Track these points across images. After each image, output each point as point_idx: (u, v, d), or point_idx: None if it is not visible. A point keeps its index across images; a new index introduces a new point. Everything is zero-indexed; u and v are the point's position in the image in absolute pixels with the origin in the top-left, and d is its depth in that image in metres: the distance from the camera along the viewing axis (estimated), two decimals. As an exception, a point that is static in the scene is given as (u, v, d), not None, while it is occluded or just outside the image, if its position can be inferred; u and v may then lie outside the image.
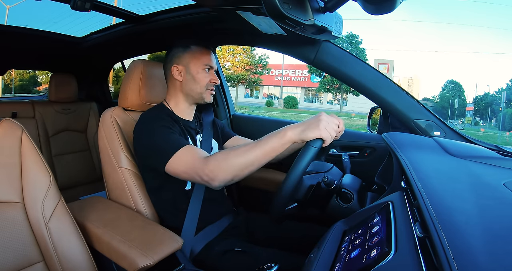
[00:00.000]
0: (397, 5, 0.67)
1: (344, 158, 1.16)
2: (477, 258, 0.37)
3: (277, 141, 0.77)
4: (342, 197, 0.90)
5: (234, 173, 0.79)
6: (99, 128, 1.09)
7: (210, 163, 0.80)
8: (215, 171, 0.79)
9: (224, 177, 0.79)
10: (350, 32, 22.37)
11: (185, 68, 1.04)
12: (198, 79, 1.04)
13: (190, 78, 1.04)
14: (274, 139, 0.77)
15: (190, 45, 1.05)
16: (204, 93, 1.06)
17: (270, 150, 0.77)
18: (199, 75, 1.04)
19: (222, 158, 0.80)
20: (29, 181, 0.75)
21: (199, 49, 1.06)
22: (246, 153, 0.79)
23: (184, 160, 0.85)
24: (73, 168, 2.01)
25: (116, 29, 1.63)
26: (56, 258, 0.73)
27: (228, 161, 0.79)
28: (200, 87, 1.04)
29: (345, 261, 0.54)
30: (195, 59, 1.04)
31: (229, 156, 0.80)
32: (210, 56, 1.06)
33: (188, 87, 1.05)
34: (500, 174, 0.71)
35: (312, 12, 0.81)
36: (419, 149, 0.87)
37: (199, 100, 1.07)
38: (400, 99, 1.14)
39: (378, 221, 0.60)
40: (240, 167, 0.79)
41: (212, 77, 1.06)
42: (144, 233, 0.84)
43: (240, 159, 0.78)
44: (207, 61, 1.05)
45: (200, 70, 1.04)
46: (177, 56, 1.05)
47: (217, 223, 1.05)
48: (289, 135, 0.76)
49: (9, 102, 1.91)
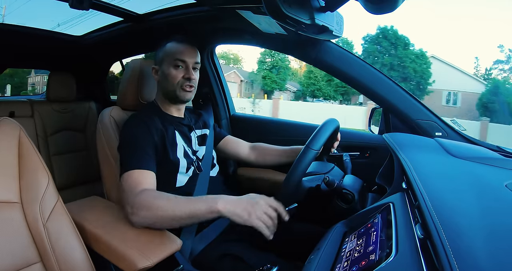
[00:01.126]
0: (398, 5, 0.66)
1: (345, 158, 1.15)
2: (478, 260, 0.37)
3: (204, 208, 0.77)
4: (343, 197, 0.90)
5: (154, 218, 0.79)
6: (97, 128, 1.08)
7: (139, 196, 0.81)
8: (139, 206, 0.80)
9: (144, 216, 0.80)
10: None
11: (160, 67, 1.04)
12: (169, 77, 1.01)
13: (163, 77, 1.03)
14: (202, 204, 0.78)
15: (166, 44, 1.04)
16: (178, 90, 1.02)
17: (194, 214, 0.78)
18: (170, 72, 1.01)
19: (151, 199, 0.80)
20: (27, 181, 0.75)
21: (172, 45, 1.03)
22: (173, 205, 0.79)
23: (129, 181, 0.86)
24: (71, 167, 2.00)
25: (115, 28, 1.62)
26: (54, 259, 0.73)
27: (153, 205, 0.79)
28: (172, 85, 1.02)
29: (345, 262, 0.54)
30: (166, 56, 1.02)
31: (158, 200, 0.80)
32: (183, 50, 1.02)
33: (162, 86, 1.05)
34: (502, 175, 0.71)
35: (313, 11, 0.80)
36: (420, 150, 0.86)
37: (175, 99, 1.05)
38: (401, 100, 1.14)
39: (379, 222, 0.60)
40: (162, 215, 0.79)
41: (185, 73, 1.01)
42: (143, 234, 0.83)
43: (164, 208, 0.79)
44: (177, 56, 1.01)
45: (171, 67, 1.01)
46: (156, 57, 1.06)
47: (217, 223, 1.05)
48: (219, 208, 0.76)
49: (6, 102, 1.90)
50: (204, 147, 1.12)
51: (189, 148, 1.05)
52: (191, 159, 1.04)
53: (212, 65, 1.63)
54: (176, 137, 1.03)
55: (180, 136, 1.04)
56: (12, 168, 0.74)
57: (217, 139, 1.24)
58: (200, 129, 1.15)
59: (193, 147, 1.07)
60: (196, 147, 1.09)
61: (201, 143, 1.12)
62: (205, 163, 1.09)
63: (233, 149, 1.26)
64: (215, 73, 1.64)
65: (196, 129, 1.12)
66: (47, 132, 1.94)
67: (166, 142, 0.98)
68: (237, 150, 1.26)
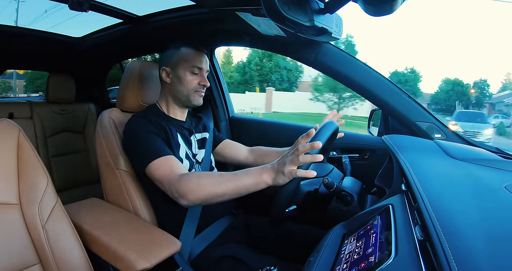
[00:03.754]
0: (397, 7, 0.66)
1: (344, 160, 1.15)
2: (478, 262, 0.37)
3: (252, 181, 0.78)
4: (342, 199, 0.90)
5: (203, 198, 0.81)
6: (97, 130, 1.08)
7: (183, 182, 0.83)
8: (186, 190, 0.81)
9: (194, 199, 0.82)
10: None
11: (173, 70, 1.04)
12: (185, 82, 1.03)
13: (176, 80, 1.04)
14: (249, 178, 0.78)
15: (180, 47, 1.04)
16: (192, 95, 1.04)
17: (243, 188, 0.78)
18: (186, 77, 1.03)
19: (196, 182, 0.82)
20: (26, 182, 0.75)
21: (188, 50, 1.04)
22: (219, 184, 0.80)
23: (162, 169, 0.87)
24: (70, 169, 2.00)
25: (114, 30, 1.62)
26: (53, 260, 0.73)
27: (200, 186, 0.81)
28: (187, 90, 1.03)
29: (345, 264, 0.54)
30: (183, 61, 1.03)
31: (203, 181, 0.82)
32: (200, 58, 1.04)
33: (175, 90, 1.05)
34: (501, 176, 0.71)
35: (312, 13, 0.80)
36: (419, 152, 0.86)
37: (187, 103, 1.06)
38: (401, 101, 1.14)
39: (378, 224, 0.60)
40: (211, 195, 0.80)
41: (200, 80, 1.04)
42: (142, 236, 0.83)
43: (211, 188, 0.80)
44: (195, 63, 1.03)
45: (188, 72, 1.03)
46: (166, 58, 1.06)
47: (216, 225, 1.05)
48: (264, 179, 0.77)
49: (6, 103, 1.90)
50: (203, 150, 1.12)
51: (190, 150, 1.06)
52: (192, 161, 1.05)
53: (211, 68, 1.63)
54: (179, 139, 1.03)
55: (182, 139, 1.04)
56: (11, 169, 0.74)
57: (215, 143, 1.23)
58: (200, 133, 1.15)
59: (193, 150, 1.08)
60: (196, 150, 1.09)
61: (200, 146, 1.12)
62: (204, 166, 1.10)
63: (232, 153, 1.26)
64: (214, 76, 1.64)
65: (196, 133, 1.13)
66: (46, 133, 1.94)
67: (171, 141, 0.99)
68: (236, 153, 1.26)
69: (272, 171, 0.76)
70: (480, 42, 34.37)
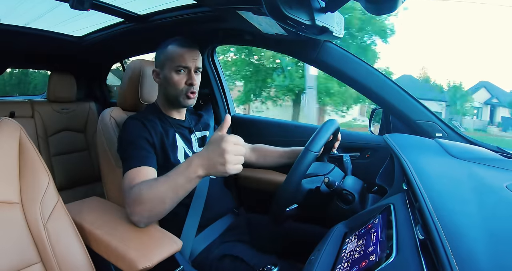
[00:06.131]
0: (398, 5, 0.66)
1: (345, 159, 1.15)
2: (479, 261, 0.37)
3: (184, 180, 0.75)
4: (343, 198, 0.90)
5: (147, 209, 0.78)
6: (98, 129, 1.08)
7: (130, 195, 0.79)
8: (132, 204, 0.79)
9: (139, 213, 0.78)
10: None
11: (161, 71, 1.02)
12: (172, 82, 0.99)
13: (165, 81, 1.01)
14: (181, 176, 0.75)
15: (167, 46, 1.01)
16: (181, 96, 1.00)
17: (178, 189, 0.76)
18: (173, 77, 0.99)
19: (138, 192, 0.78)
20: (27, 181, 0.75)
21: (174, 49, 0.99)
22: (156, 187, 0.77)
23: (125, 182, 0.85)
24: (71, 168, 2.00)
25: (115, 29, 1.62)
26: (54, 259, 0.73)
27: (141, 196, 0.77)
28: (175, 90, 1.00)
29: (345, 263, 0.54)
30: (169, 61, 0.99)
31: (143, 189, 0.78)
32: (186, 55, 0.98)
33: (165, 91, 1.03)
34: (502, 175, 0.71)
35: (313, 12, 0.80)
36: (420, 151, 0.86)
37: (177, 104, 1.04)
38: (402, 100, 1.14)
39: (379, 222, 0.60)
40: (152, 202, 0.77)
41: (187, 78, 0.99)
42: (143, 235, 0.83)
43: (150, 195, 0.77)
44: (180, 62, 0.98)
45: (173, 72, 0.99)
46: (156, 58, 1.05)
47: (217, 224, 1.05)
48: (198, 174, 0.74)
49: (7, 102, 1.90)
50: None
51: (190, 149, 1.05)
52: None
53: (212, 66, 1.63)
54: (177, 139, 1.02)
55: (180, 138, 1.04)
56: (12, 168, 0.74)
57: None
58: (200, 131, 1.14)
59: (193, 149, 1.07)
60: (197, 149, 1.09)
61: (201, 144, 1.12)
62: None
63: None
64: (215, 74, 1.64)
65: (196, 132, 1.12)
66: (48, 132, 1.95)
67: (166, 145, 0.98)
68: None
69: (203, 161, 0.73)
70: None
